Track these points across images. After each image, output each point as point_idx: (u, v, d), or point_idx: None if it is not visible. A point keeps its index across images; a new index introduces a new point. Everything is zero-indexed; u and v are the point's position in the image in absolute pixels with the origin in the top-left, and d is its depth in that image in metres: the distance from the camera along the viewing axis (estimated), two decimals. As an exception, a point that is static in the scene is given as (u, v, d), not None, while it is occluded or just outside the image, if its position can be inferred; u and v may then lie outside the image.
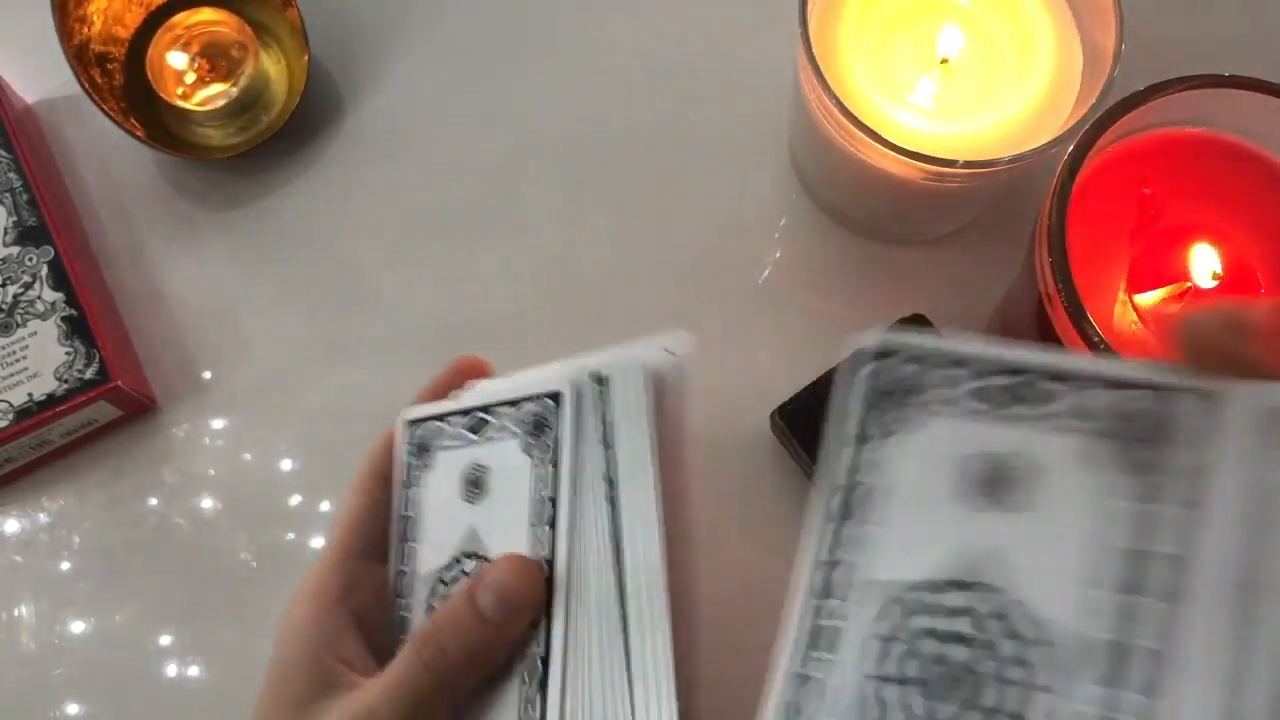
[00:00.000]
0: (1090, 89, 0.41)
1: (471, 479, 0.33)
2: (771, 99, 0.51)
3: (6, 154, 0.51)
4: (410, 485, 0.35)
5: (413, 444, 0.35)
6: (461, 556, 0.33)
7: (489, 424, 0.33)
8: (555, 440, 0.31)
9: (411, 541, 0.34)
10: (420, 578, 0.34)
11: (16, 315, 0.48)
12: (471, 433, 0.34)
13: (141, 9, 0.54)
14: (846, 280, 0.51)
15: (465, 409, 0.34)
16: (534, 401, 0.32)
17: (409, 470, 0.35)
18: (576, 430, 0.31)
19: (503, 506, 0.32)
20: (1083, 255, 0.36)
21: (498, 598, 0.30)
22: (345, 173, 0.53)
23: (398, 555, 0.35)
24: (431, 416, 0.35)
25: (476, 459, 0.33)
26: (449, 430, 0.34)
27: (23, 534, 0.49)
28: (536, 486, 0.31)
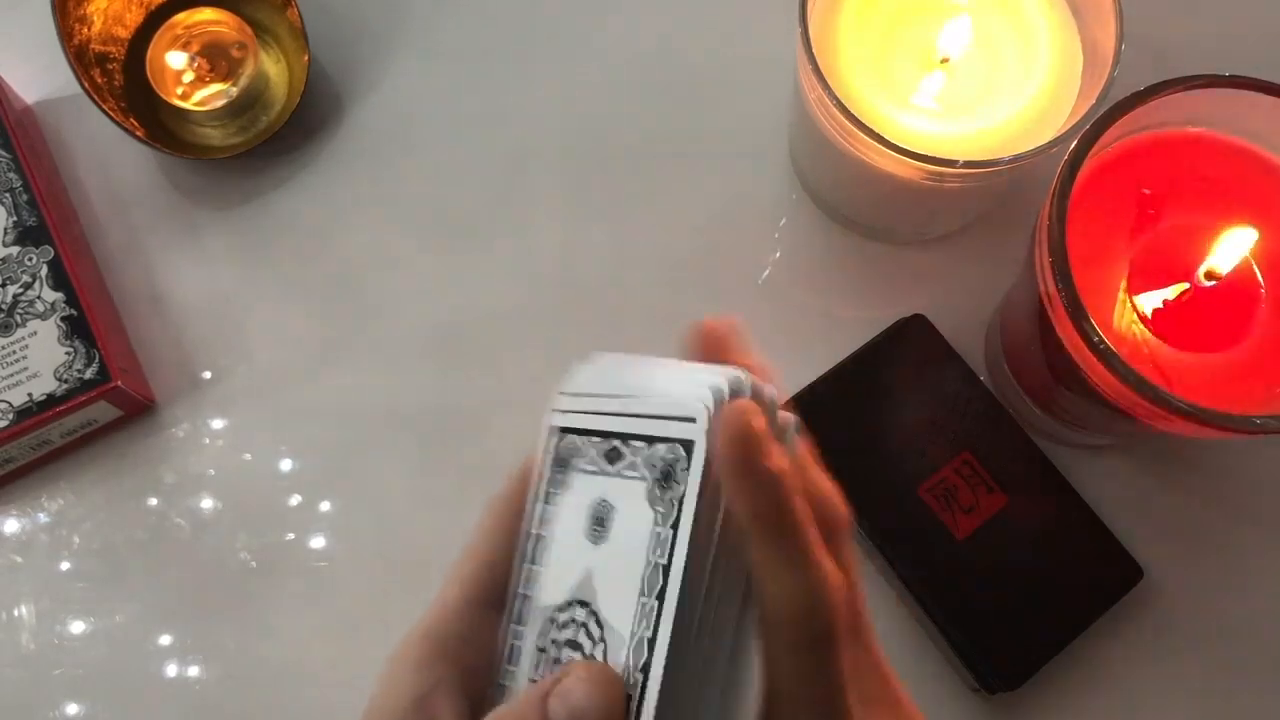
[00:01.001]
0: (1090, 89, 0.41)
1: (598, 516, 0.30)
2: (771, 99, 0.51)
3: (6, 154, 0.51)
4: (545, 501, 0.31)
5: (554, 455, 0.31)
6: (575, 602, 0.29)
7: (623, 457, 0.29)
8: (681, 500, 0.27)
9: (536, 565, 0.31)
10: (537, 609, 0.30)
11: (16, 315, 0.48)
12: (607, 461, 0.30)
13: (141, 9, 0.54)
14: (846, 280, 0.51)
15: (603, 431, 0.30)
16: (666, 446, 0.28)
17: (545, 484, 0.31)
18: (702, 490, 0.27)
19: (620, 558, 0.29)
20: (1083, 255, 0.36)
21: (569, 712, 0.26)
22: (345, 173, 0.53)
23: (522, 577, 0.31)
24: (578, 430, 0.31)
25: (605, 494, 0.30)
26: (585, 451, 0.30)
27: (23, 534, 0.49)
28: (653, 548, 0.28)
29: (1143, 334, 0.39)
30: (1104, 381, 0.36)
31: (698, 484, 0.27)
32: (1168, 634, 0.46)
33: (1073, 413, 0.44)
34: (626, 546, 0.29)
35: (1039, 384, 0.44)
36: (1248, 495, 0.48)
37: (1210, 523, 0.47)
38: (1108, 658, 0.45)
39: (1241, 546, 0.47)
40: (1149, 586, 0.45)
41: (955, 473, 0.45)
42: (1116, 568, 0.44)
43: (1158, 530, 0.46)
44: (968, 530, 0.44)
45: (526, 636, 0.30)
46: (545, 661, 0.30)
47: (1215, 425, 0.34)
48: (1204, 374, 0.38)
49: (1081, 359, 0.36)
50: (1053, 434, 0.47)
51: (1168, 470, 0.48)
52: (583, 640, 0.29)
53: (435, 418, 0.50)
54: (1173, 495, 0.47)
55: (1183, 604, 0.46)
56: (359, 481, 0.49)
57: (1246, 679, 0.45)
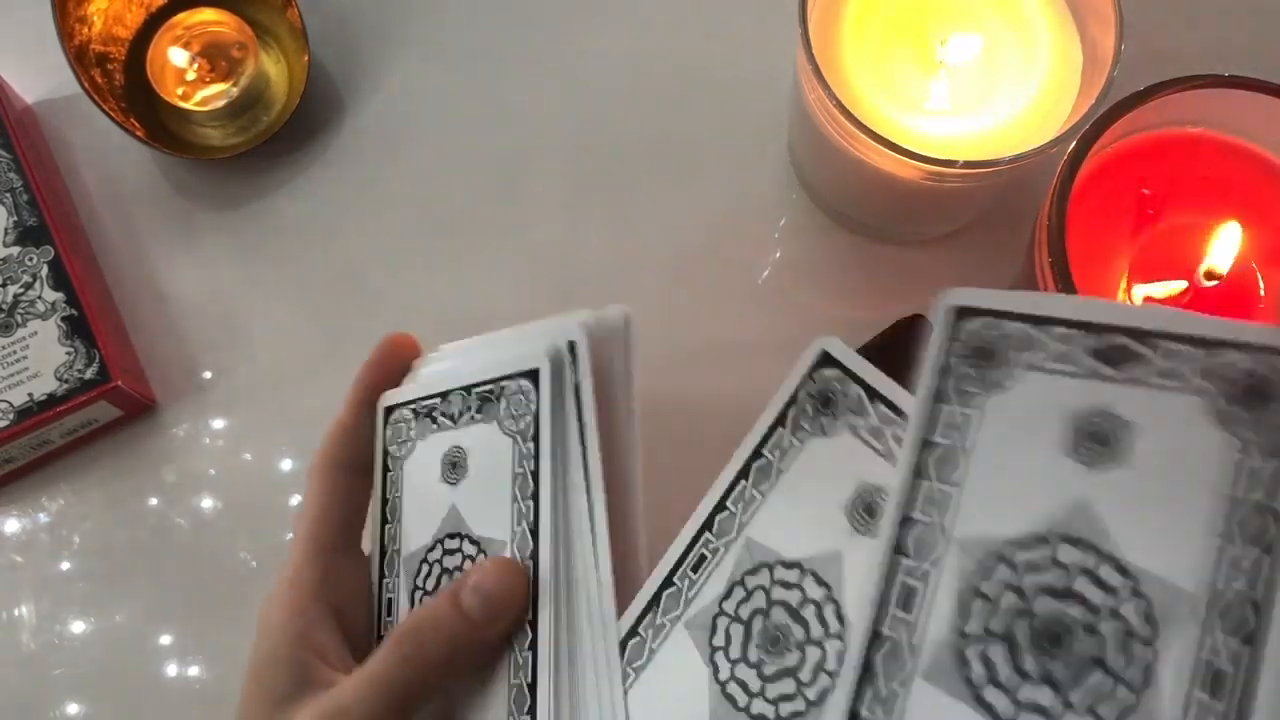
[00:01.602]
0: (1090, 89, 0.41)
1: (451, 460, 0.34)
2: (771, 99, 0.51)
3: (6, 154, 0.51)
4: (389, 470, 0.35)
5: (392, 429, 0.36)
6: (445, 538, 0.33)
7: (467, 406, 0.34)
8: (536, 417, 0.31)
9: (394, 523, 0.35)
10: (404, 558, 0.34)
11: (16, 315, 0.48)
12: (450, 420, 0.34)
13: (142, 9, 0.54)
14: (846, 280, 0.51)
15: (441, 392, 0.35)
16: (511, 380, 0.32)
17: (388, 455, 0.36)
18: (554, 407, 0.31)
19: (484, 486, 0.32)
20: (1083, 255, 0.36)
21: (482, 598, 0.30)
22: (345, 173, 0.53)
23: (381, 536, 0.35)
24: (407, 401, 0.36)
25: (455, 441, 0.34)
26: (423, 414, 0.35)
27: (23, 534, 0.49)
28: (517, 461, 0.32)
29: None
30: (1104, 381, 0.36)
31: (549, 400, 0.31)
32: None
33: (1073, 413, 0.44)
34: (488, 472, 0.32)
35: (1039, 384, 0.44)
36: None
37: (1210, 523, 0.47)
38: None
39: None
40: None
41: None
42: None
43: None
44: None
45: (399, 587, 0.34)
46: (422, 601, 0.33)
47: (1215, 425, 0.34)
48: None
49: (1081, 359, 0.36)
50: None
51: (1168, 470, 0.48)
52: (464, 564, 0.32)
53: (435, 418, 0.50)
54: (1173, 495, 0.47)
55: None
56: (359, 481, 0.49)
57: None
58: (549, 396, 0.31)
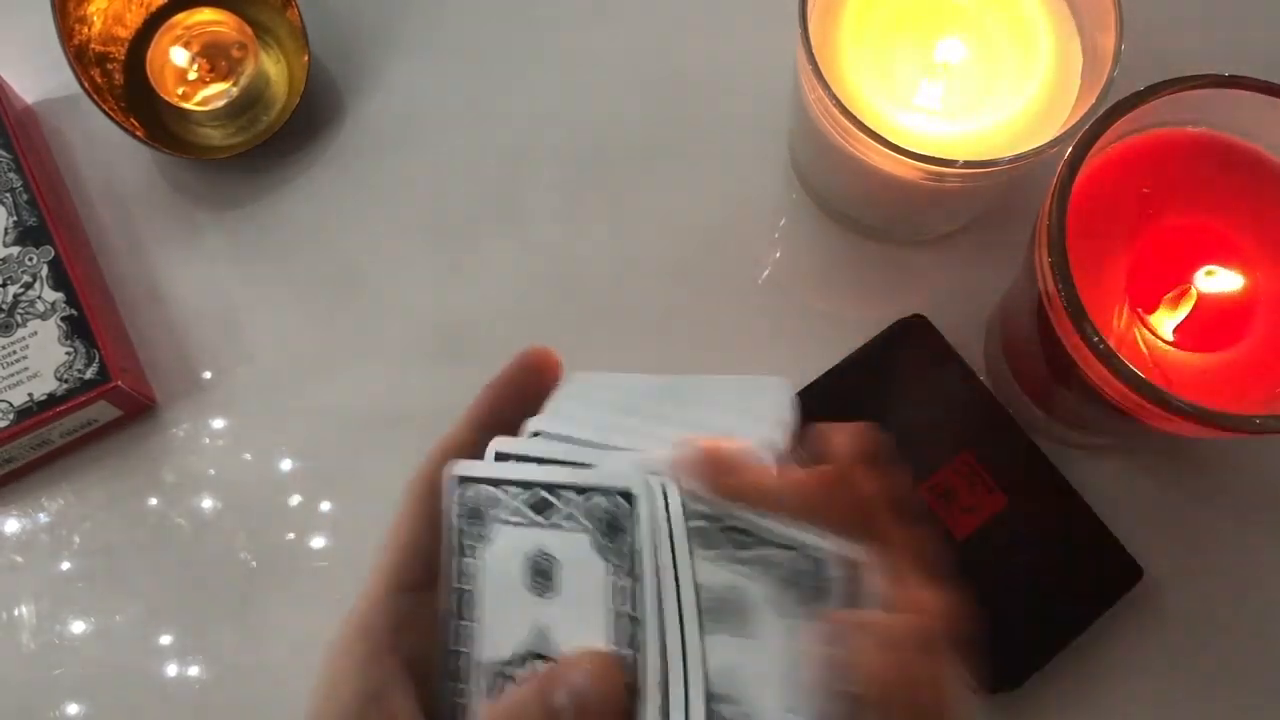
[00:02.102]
0: (1090, 89, 0.41)
1: (539, 569, 0.29)
2: (771, 99, 0.51)
3: (6, 154, 0.51)
4: (464, 554, 0.30)
5: (464, 506, 0.30)
6: (531, 656, 0.28)
7: (554, 507, 0.29)
8: (632, 550, 0.27)
9: (468, 621, 0.30)
10: (480, 666, 0.29)
11: (16, 315, 0.48)
12: (535, 512, 0.29)
13: (142, 9, 0.54)
14: (846, 280, 0.51)
15: (526, 481, 0.29)
16: (604, 496, 0.28)
17: (460, 536, 0.30)
18: (654, 537, 0.27)
19: (576, 611, 0.28)
20: (1083, 255, 0.36)
21: (574, 701, 0.26)
22: (345, 173, 0.53)
23: (452, 633, 0.30)
24: (486, 479, 0.30)
25: (543, 546, 0.29)
26: (506, 502, 0.29)
27: (23, 534, 0.49)
28: (615, 599, 0.27)
29: (1142, 333, 0.39)
30: (1104, 381, 0.36)
31: (647, 532, 0.27)
32: (1168, 634, 0.46)
33: (1072, 412, 0.44)
34: (581, 594, 0.28)
35: (1039, 384, 0.44)
36: (1248, 495, 0.48)
37: (1210, 523, 0.47)
38: (1108, 658, 0.45)
39: (1241, 546, 0.47)
40: (1149, 586, 0.45)
41: (955, 473, 0.45)
42: (1116, 568, 0.44)
43: (1158, 530, 0.46)
44: (968, 530, 0.44)
45: (471, 694, 0.29)
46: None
47: (1215, 425, 0.34)
48: (1204, 374, 0.38)
49: (1081, 359, 0.36)
50: (1053, 434, 0.47)
51: (1168, 470, 0.48)
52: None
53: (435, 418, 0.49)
54: (1173, 495, 0.47)
55: (1183, 604, 0.46)
56: (359, 481, 0.49)
57: (1246, 679, 0.45)
58: (647, 530, 0.27)
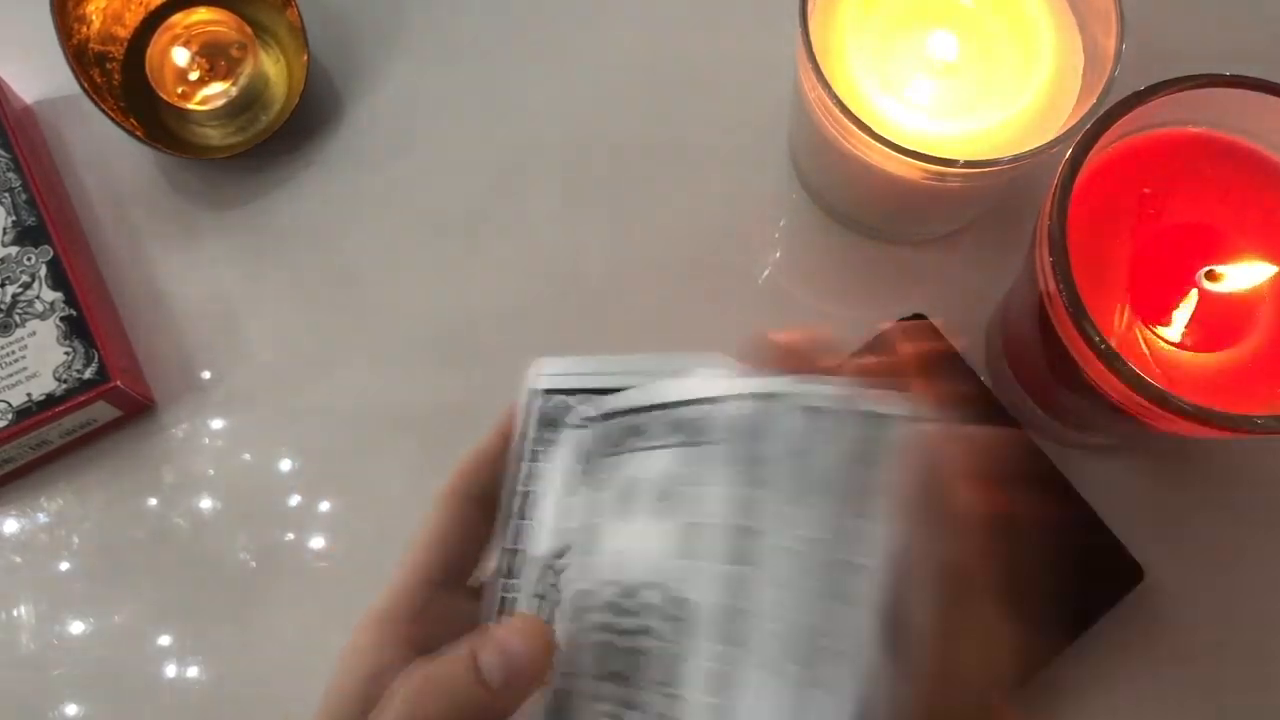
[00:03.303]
0: (1090, 89, 0.41)
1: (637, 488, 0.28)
2: (771, 99, 0.51)
3: (6, 154, 0.51)
4: (533, 460, 0.31)
5: (543, 415, 0.31)
6: (570, 547, 0.30)
7: (639, 429, 0.29)
8: (762, 459, 0.26)
9: (528, 520, 0.31)
10: (531, 560, 0.31)
11: (15, 315, 0.48)
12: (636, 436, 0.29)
13: (141, 8, 0.54)
14: (846, 280, 0.51)
15: (598, 389, 0.30)
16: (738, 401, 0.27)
17: (531, 444, 0.31)
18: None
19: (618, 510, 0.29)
20: (1083, 255, 0.36)
21: (502, 663, 0.27)
22: (345, 173, 0.53)
23: (511, 533, 0.31)
24: (565, 390, 0.31)
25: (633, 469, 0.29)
26: (577, 409, 0.31)
27: (23, 534, 0.49)
28: (731, 510, 0.26)
29: (1143, 333, 0.39)
30: (1104, 381, 0.36)
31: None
32: (1168, 634, 0.46)
33: (1073, 413, 0.44)
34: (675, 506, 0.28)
35: (1039, 384, 0.44)
36: (1248, 495, 0.48)
37: (1211, 523, 0.47)
38: (1108, 658, 0.45)
39: (1242, 547, 0.47)
40: (1149, 586, 0.45)
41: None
42: (1116, 568, 0.44)
43: (1158, 530, 0.46)
44: (968, 530, 0.44)
45: (521, 588, 0.31)
46: (545, 607, 0.30)
47: (1215, 425, 0.34)
48: (1205, 374, 0.38)
49: (1082, 358, 0.36)
50: (1053, 434, 0.47)
51: (1168, 470, 0.48)
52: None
53: (435, 418, 0.50)
54: (1173, 495, 0.47)
55: (1183, 604, 0.46)
56: (359, 481, 0.49)
57: (1247, 679, 0.45)
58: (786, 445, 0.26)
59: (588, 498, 0.30)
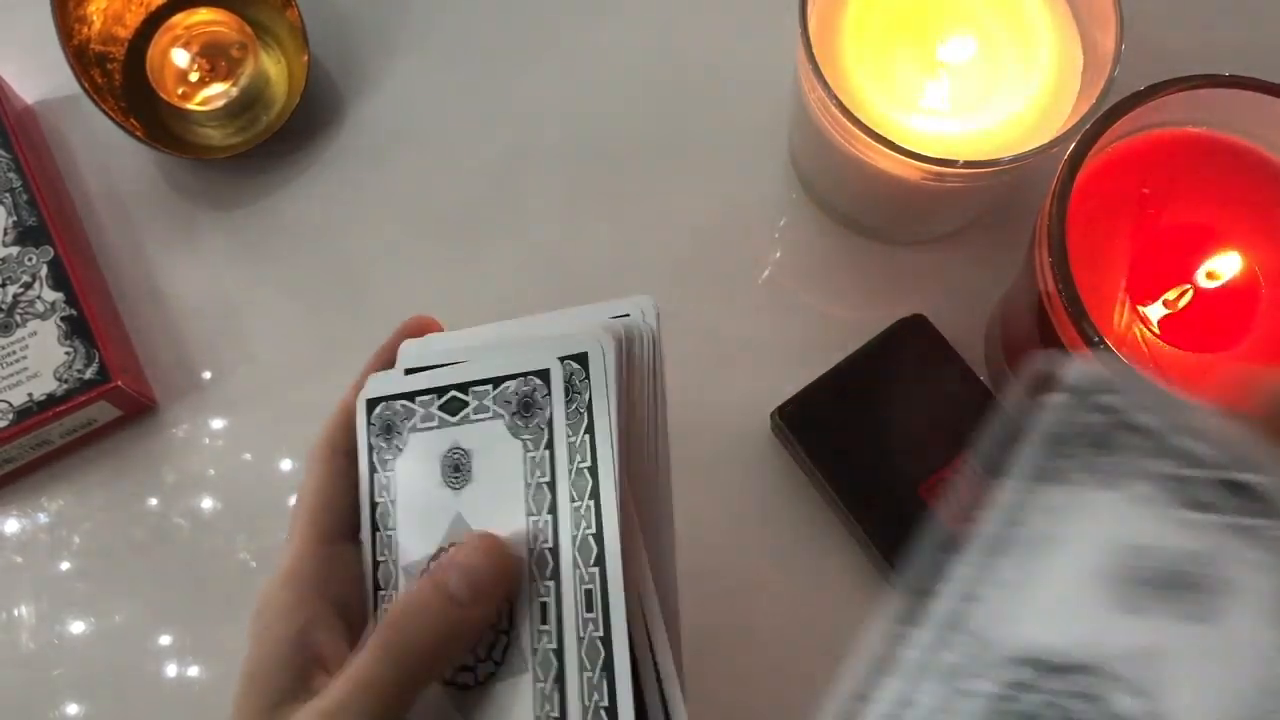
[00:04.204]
0: (1090, 89, 0.41)
1: (453, 463, 0.31)
2: (771, 99, 0.51)
3: (6, 154, 0.51)
4: (378, 470, 0.33)
5: (377, 425, 0.33)
6: (449, 546, 0.31)
7: (466, 404, 0.31)
8: (549, 422, 0.30)
9: (389, 530, 0.32)
10: (403, 568, 0.32)
11: (16, 315, 0.48)
12: (447, 413, 0.32)
13: (141, 9, 0.54)
14: (846, 280, 0.51)
15: (436, 388, 0.32)
16: (518, 379, 0.30)
17: (375, 453, 0.33)
18: (565, 411, 0.30)
19: (492, 491, 0.30)
20: (1083, 255, 0.36)
21: (467, 579, 0.28)
22: (345, 173, 0.53)
23: (373, 545, 0.33)
24: (396, 395, 0.33)
25: (457, 441, 0.31)
26: (419, 411, 0.32)
27: (23, 534, 0.49)
28: (531, 471, 0.30)
29: (1142, 333, 0.39)
30: (1104, 381, 0.36)
31: (561, 404, 0.30)
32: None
33: (1073, 413, 0.44)
34: (496, 476, 0.30)
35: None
36: (1248, 495, 0.47)
37: (1210, 523, 0.47)
38: (1108, 658, 0.45)
39: (1241, 546, 0.47)
40: (1149, 586, 0.45)
41: (955, 473, 0.45)
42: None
43: (1158, 530, 0.46)
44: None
45: (396, 598, 0.31)
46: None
47: (1215, 425, 0.34)
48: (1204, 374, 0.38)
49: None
50: (1053, 434, 0.47)
51: (1168, 470, 0.48)
52: None
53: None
54: (1173, 495, 0.47)
55: (1183, 604, 0.46)
56: (359, 481, 0.49)
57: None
58: (561, 402, 0.30)
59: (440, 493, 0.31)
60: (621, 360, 0.30)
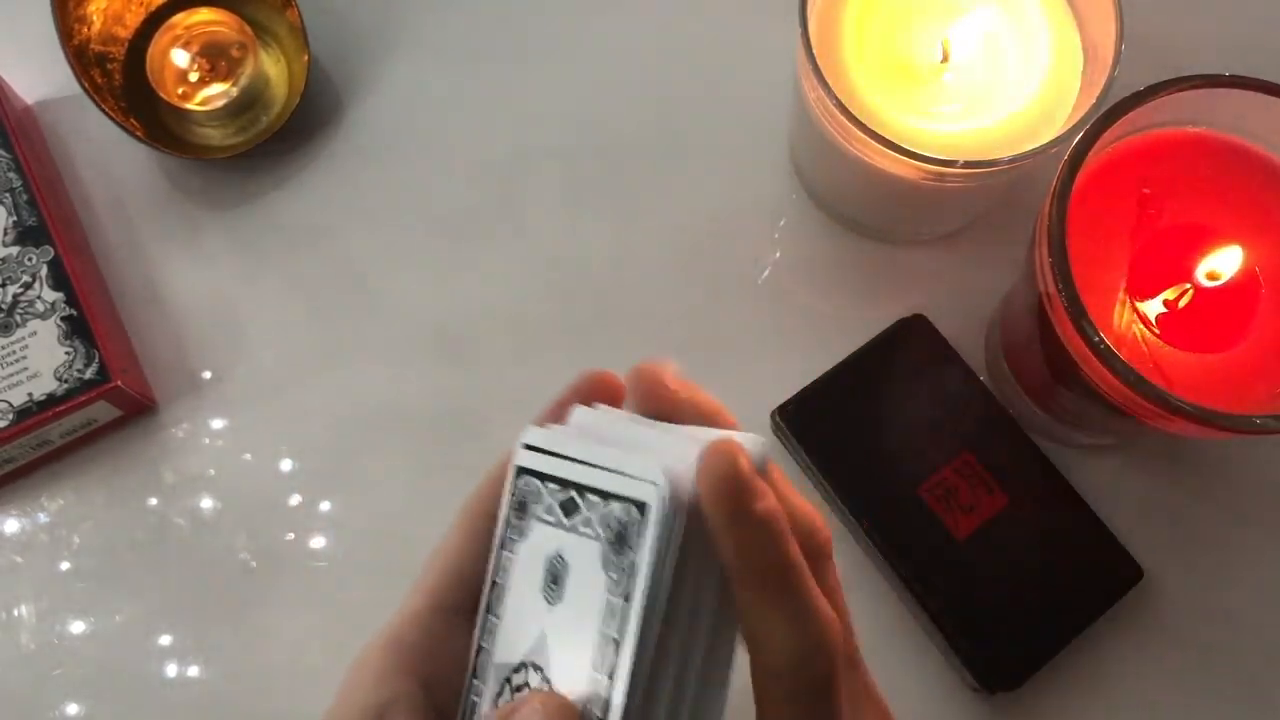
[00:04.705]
0: (1090, 89, 0.41)
1: (554, 573, 0.27)
2: (771, 99, 0.51)
3: (6, 154, 0.51)
4: (504, 548, 0.29)
5: (516, 498, 0.29)
6: (528, 664, 0.27)
7: (579, 510, 0.27)
8: (633, 567, 0.25)
9: (495, 617, 0.29)
10: (495, 666, 0.28)
11: (16, 315, 0.48)
12: (564, 513, 0.28)
13: (141, 9, 0.54)
14: (846, 280, 0.51)
15: (563, 479, 0.28)
16: (621, 503, 0.26)
17: (508, 528, 0.29)
18: (661, 557, 0.25)
19: (573, 624, 0.27)
20: (1083, 255, 0.36)
21: None
22: (345, 173, 0.53)
23: (481, 628, 0.29)
24: (539, 474, 0.28)
25: (561, 549, 0.27)
26: (545, 498, 0.28)
27: (23, 534, 0.49)
28: (605, 619, 0.26)
29: (1142, 333, 0.39)
30: (1104, 381, 0.36)
31: (649, 556, 0.25)
32: (1168, 634, 0.46)
33: (1073, 412, 0.44)
34: (579, 612, 0.27)
35: (1039, 383, 0.44)
36: (1248, 495, 0.48)
37: (1210, 523, 0.47)
38: (1108, 658, 0.45)
39: (1241, 546, 0.47)
40: (1149, 586, 0.45)
41: (955, 473, 0.45)
42: (1116, 568, 0.44)
43: (1158, 530, 0.46)
44: (968, 530, 0.44)
45: (484, 694, 0.28)
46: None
47: (1215, 425, 0.34)
48: (1204, 374, 0.38)
49: (1081, 358, 0.36)
50: (1053, 434, 0.47)
51: (1168, 470, 0.48)
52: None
53: (435, 418, 0.50)
54: (1173, 495, 0.47)
55: (1183, 604, 0.46)
56: (359, 481, 0.49)
57: (1246, 679, 0.45)
58: (655, 540, 0.25)
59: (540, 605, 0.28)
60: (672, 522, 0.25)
